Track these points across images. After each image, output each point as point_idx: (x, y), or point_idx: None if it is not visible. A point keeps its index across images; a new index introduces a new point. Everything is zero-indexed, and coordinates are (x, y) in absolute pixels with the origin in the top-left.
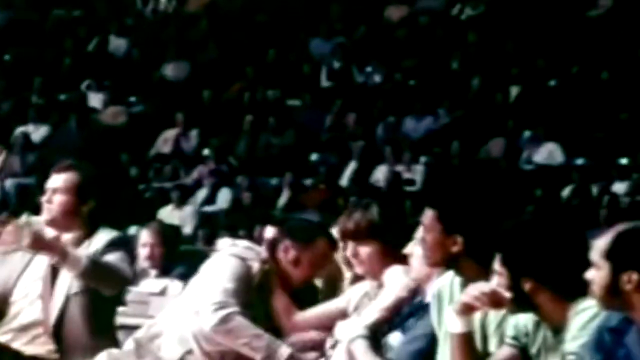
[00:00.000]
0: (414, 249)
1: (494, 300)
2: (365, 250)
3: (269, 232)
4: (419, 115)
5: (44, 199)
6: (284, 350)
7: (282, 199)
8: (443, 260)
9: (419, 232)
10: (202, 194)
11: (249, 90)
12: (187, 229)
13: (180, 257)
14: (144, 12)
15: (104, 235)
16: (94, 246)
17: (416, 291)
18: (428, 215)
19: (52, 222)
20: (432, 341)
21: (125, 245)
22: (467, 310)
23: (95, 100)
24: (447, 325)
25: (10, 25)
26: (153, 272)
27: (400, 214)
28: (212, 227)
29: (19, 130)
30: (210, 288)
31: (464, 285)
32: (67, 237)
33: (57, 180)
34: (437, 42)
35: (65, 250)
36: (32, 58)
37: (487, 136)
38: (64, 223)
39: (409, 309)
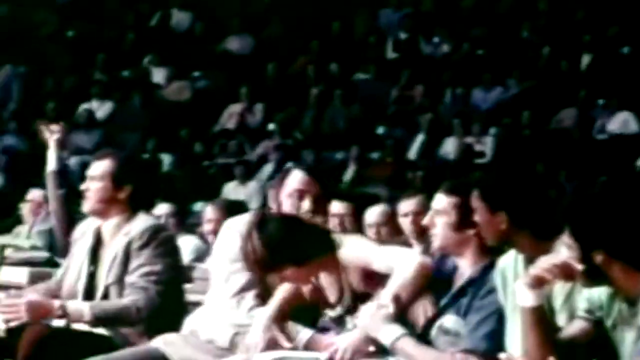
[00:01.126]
0: (435, 220)
1: (566, 273)
2: (285, 275)
3: (335, 206)
4: (488, 85)
5: (82, 187)
6: (305, 333)
7: (349, 173)
8: (496, 239)
9: (436, 202)
10: (267, 169)
11: (314, 64)
12: (253, 205)
13: None
14: None
15: (140, 222)
16: (131, 233)
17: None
18: (475, 195)
19: (91, 211)
20: (500, 318)
21: (160, 234)
22: (538, 283)
23: (158, 75)
24: (518, 299)
25: (72, 2)
26: None
27: (298, 225)
28: None
29: (83, 107)
30: (223, 275)
31: (528, 260)
32: (107, 224)
33: (94, 169)
34: (506, 11)
35: (65, 311)
36: (94, 34)
37: (559, 106)
38: (102, 210)
39: (457, 289)
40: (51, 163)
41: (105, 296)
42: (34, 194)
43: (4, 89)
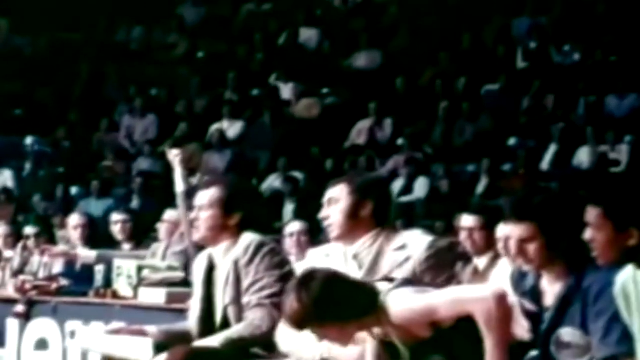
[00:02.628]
0: (526, 247)
1: None
2: (325, 333)
3: (467, 220)
4: (622, 92)
5: (191, 216)
6: None
7: (481, 186)
8: (618, 257)
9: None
10: (398, 184)
11: (442, 76)
12: None
13: None
14: (333, 2)
15: (244, 239)
16: (234, 253)
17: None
18: (594, 213)
19: (202, 239)
20: (619, 316)
21: (263, 247)
22: None
23: (287, 93)
24: None
25: (202, 23)
26: None
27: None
28: (409, 217)
29: (214, 127)
30: None
31: None
32: (218, 249)
33: (202, 198)
34: (638, 15)
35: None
36: (224, 54)
37: None
38: (212, 238)
39: (559, 301)
40: (179, 184)
41: (225, 318)
42: (170, 214)
43: (143, 133)
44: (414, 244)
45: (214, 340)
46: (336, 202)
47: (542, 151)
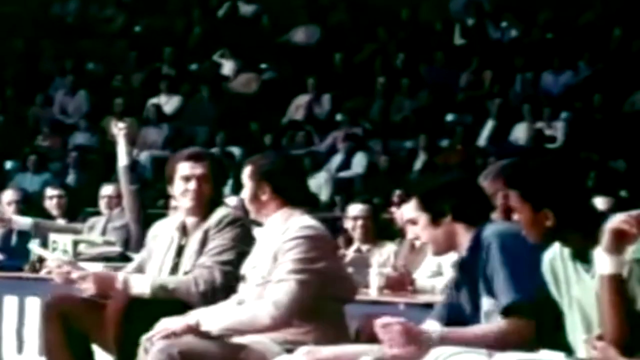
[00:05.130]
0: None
1: None
2: None
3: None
4: (558, 69)
5: (188, 188)
6: None
7: (418, 162)
8: (541, 236)
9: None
10: (337, 159)
11: (381, 52)
12: (323, 196)
13: None
14: None
15: (219, 212)
16: (208, 223)
17: None
18: (514, 196)
19: (192, 209)
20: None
21: (236, 222)
22: (618, 237)
23: (226, 68)
24: (597, 267)
25: None
26: None
27: None
28: (348, 193)
29: (151, 102)
30: None
31: (574, 254)
32: (190, 218)
33: (196, 168)
34: None
35: (128, 284)
36: (162, 28)
37: (631, 88)
38: (200, 209)
39: (458, 271)
40: (122, 158)
41: None
42: (108, 189)
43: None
44: (294, 224)
45: (148, 279)
46: (244, 185)
47: (479, 127)
